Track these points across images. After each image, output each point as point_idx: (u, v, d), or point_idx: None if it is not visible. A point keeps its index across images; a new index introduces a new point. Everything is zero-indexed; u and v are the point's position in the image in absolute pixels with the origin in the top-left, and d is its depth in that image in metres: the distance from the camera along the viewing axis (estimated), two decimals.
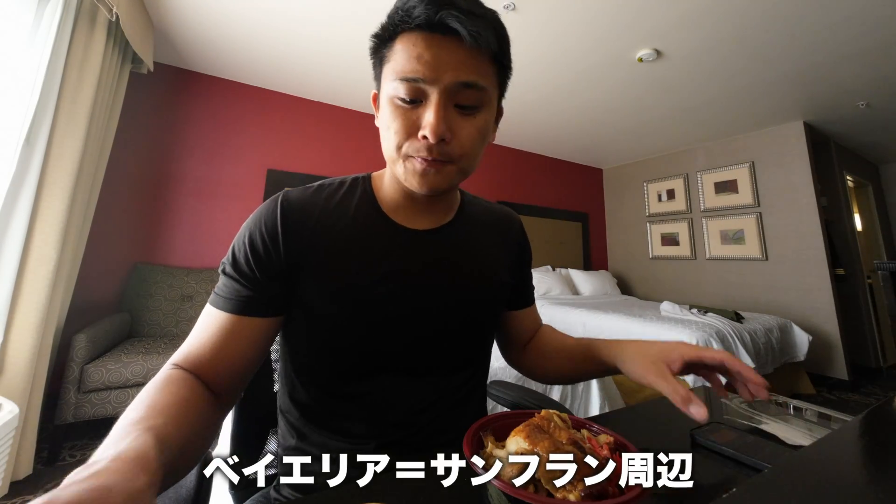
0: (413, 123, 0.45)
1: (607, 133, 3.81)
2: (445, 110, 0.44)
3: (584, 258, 4.68)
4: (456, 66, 0.43)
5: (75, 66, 1.62)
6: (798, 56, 2.37)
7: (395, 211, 0.55)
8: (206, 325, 0.48)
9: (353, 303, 0.50)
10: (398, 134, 0.45)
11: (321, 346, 0.51)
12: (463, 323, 0.56)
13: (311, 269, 0.49)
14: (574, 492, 0.29)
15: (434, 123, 0.43)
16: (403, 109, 0.45)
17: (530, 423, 0.36)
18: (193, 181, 2.64)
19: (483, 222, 0.62)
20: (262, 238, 0.49)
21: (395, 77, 0.44)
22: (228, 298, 0.48)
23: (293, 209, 0.51)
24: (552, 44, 2.31)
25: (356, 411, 0.52)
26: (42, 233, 1.51)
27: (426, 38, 0.43)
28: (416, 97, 0.44)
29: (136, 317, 2.22)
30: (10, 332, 1.41)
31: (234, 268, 0.49)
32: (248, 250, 0.49)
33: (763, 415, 0.61)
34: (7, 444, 1.24)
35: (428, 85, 0.43)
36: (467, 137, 0.46)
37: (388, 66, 0.46)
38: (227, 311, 0.47)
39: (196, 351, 0.46)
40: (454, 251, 0.56)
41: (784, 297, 3.33)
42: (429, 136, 0.43)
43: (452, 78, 0.43)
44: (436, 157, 0.45)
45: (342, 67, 2.64)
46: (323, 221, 0.51)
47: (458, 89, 0.44)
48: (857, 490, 0.18)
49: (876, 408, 0.25)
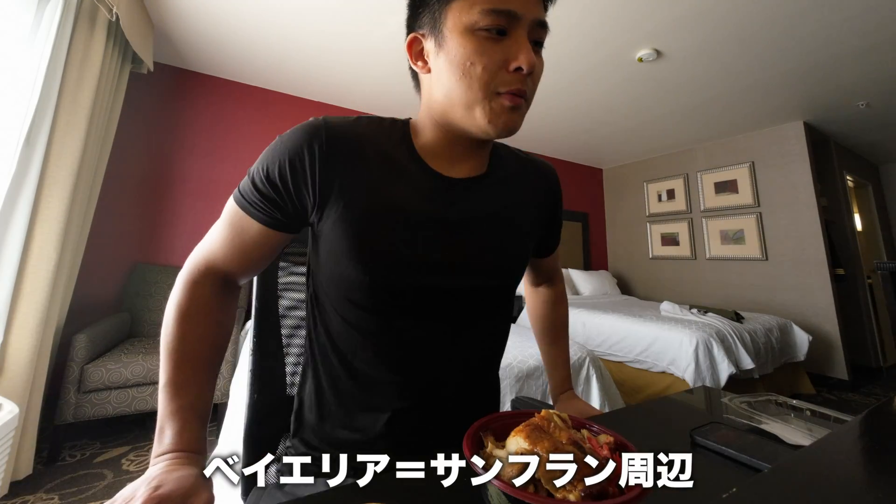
0: (501, 58, 0.44)
1: (607, 133, 3.81)
2: (530, 43, 0.45)
3: (584, 258, 4.68)
4: (536, 3, 0.46)
5: (75, 66, 1.62)
6: (798, 56, 2.37)
7: (433, 158, 0.53)
8: (233, 231, 0.50)
9: (382, 246, 0.49)
10: (487, 70, 0.44)
11: (353, 274, 0.50)
12: (493, 273, 0.56)
13: (342, 206, 0.49)
14: (574, 492, 0.29)
15: (529, 55, 0.44)
16: (490, 43, 0.44)
17: (530, 423, 0.36)
18: (193, 181, 2.64)
19: (518, 174, 0.62)
20: (301, 160, 0.48)
21: (479, 7, 0.44)
22: (259, 210, 0.49)
23: (335, 136, 0.50)
24: (552, 43, 2.31)
25: (387, 356, 0.53)
26: (42, 233, 1.51)
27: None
28: (504, 27, 0.44)
29: (136, 317, 2.22)
30: (10, 332, 1.41)
31: (268, 183, 0.49)
32: (286, 169, 0.48)
33: (763, 415, 0.61)
34: (7, 444, 1.24)
35: (519, 18, 0.44)
36: (539, 74, 0.48)
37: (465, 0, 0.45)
38: (257, 222, 0.49)
39: (221, 258, 0.51)
40: (488, 202, 0.56)
41: (784, 297, 3.33)
42: (524, 68, 0.44)
43: (536, 14, 0.46)
44: (521, 91, 0.46)
45: (342, 67, 2.64)
46: (362, 153, 0.50)
47: (536, 26, 0.46)
48: (857, 490, 0.18)
49: (876, 408, 0.25)
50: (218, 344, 0.52)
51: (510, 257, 0.58)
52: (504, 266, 0.58)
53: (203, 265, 0.51)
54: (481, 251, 0.54)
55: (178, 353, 0.47)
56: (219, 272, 0.52)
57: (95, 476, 1.54)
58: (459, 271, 0.53)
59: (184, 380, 0.46)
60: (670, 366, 2.27)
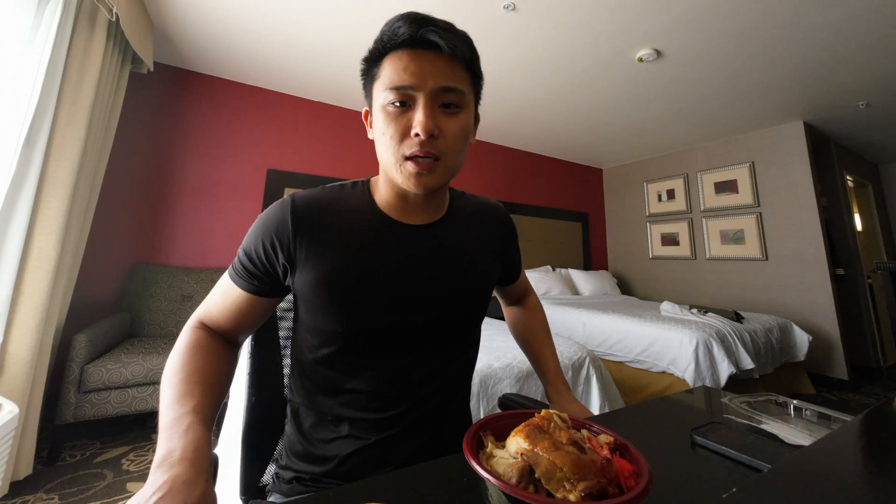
0: (405, 126, 0.51)
1: (607, 133, 3.81)
2: (432, 110, 0.51)
3: (584, 258, 4.68)
4: (437, 74, 0.51)
5: (75, 67, 1.62)
6: (798, 56, 2.37)
7: (391, 209, 0.61)
8: (225, 296, 0.58)
9: (351, 293, 0.55)
10: (393, 138, 0.52)
11: (324, 328, 0.57)
12: (454, 309, 0.61)
13: (317, 262, 0.55)
14: (574, 492, 0.29)
15: (424, 121, 0.50)
16: (395, 114, 0.52)
17: (530, 424, 0.36)
18: (193, 181, 2.64)
19: (471, 216, 0.69)
20: (273, 241, 0.56)
21: (385, 87, 0.51)
22: (245, 281, 0.57)
23: (302, 211, 0.57)
24: (552, 43, 2.31)
25: (362, 386, 0.58)
26: (42, 233, 1.51)
27: (410, 53, 0.51)
28: (406, 101, 0.51)
29: (136, 317, 2.22)
30: (10, 332, 1.41)
31: (249, 261, 0.57)
32: (260, 247, 0.56)
33: (763, 415, 0.61)
34: (7, 444, 1.24)
35: (415, 91, 0.50)
36: (451, 134, 0.53)
37: (379, 82, 0.53)
38: (244, 291, 0.57)
39: (216, 316, 0.58)
40: (446, 244, 0.62)
41: (784, 297, 3.33)
42: (420, 133, 0.50)
43: (435, 83, 0.51)
44: (428, 152, 0.51)
45: (342, 67, 2.64)
46: (327, 219, 0.58)
47: (440, 93, 0.51)
48: (857, 490, 0.18)
49: (876, 408, 0.25)
50: (220, 370, 0.54)
51: (469, 291, 0.64)
52: (464, 299, 0.63)
53: (201, 322, 0.58)
54: (442, 287, 0.60)
55: (179, 376, 0.49)
56: (215, 329, 0.58)
57: (95, 476, 1.54)
58: (423, 307, 0.58)
59: (185, 392, 0.47)
60: (670, 366, 2.27)
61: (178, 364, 0.51)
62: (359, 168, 3.27)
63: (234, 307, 0.57)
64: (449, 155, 0.53)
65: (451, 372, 0.63)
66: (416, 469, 0.45)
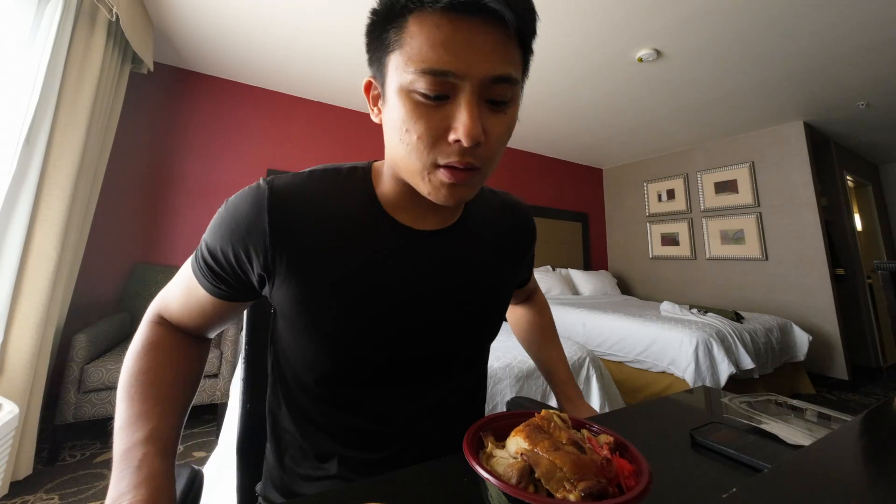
0: (440, 126, 0.37)
1: (607, 133, 3.81)
2: (479, 109, 0.37)
3: (584, 258, 4.68)
4: (489, 56, 0.36)
5: (75, 66, 1.62)
6: (798, 56, 2.37)
7: (397, 209, 0.48)
8: (187, 293, 0.48)
9: (348, 309, 0.45)
10: (422, 140, 0.37)
11: (311, 351, 0.47)
12: (464, 328, 0.52)
13: (301, 277, 0.44)
14: (574, 492, 0.29)
15: (469, 126, 0.36)
16: (427, 108, 0.37)
17: (530, 424, 0.36)
18: (193, 181, 2.64)
19: (490, 219, 0.57)
20: (246, 246, 0.43)
21: (414, 67, 0.36)
22: (210, 283, 0.46)
23: (282, 212, 0.44)
24: (552, 43, 2.31)
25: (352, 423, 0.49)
26: (42, 233, 1.51)
27: (452, 19, 0.35)
28: (443, 93, 0.36)
29: (136, 317, 2.22)
30: (10, 332, 1.41)
31: (215, 262, 0.45)
32: (231, 256, 0.44)
33: (763, 415, 0.61)
34: (7, 444, 1.24)
35: (459, 79, 0.36)
36: (497, 137, 0.39)
37: (401, 53, 0.37)
38: (205, 291, 0.47)
39: (177, 314, 0.49)
40: (459, 256, 0.51)
41: (784, 297, 3.33)
42: (463, 141, 0.36)
43: (487, 70, 0.36)
44: (469, 164, 0.38)
45: (342, 67, 2.64)
46: (314, 215, 0.45)
47: (490, 83, 0.37)
48: (857, 490, 0.18)
49: (876, 408, 0.25)
50: (184, 375, 0.47)
51: (483, 312, 0.54)
52: (477, 323, 0.53)
53: (160, 316, 0.50)
54: (452, 309, 0.50)
55: (135, 388, 0.42)
56: (177, 326, 0.51)
57: (95, 476, 1.54)
58: (429, 334, 0.49)
59: (140, 413, 0.40)
60: (670, 366, 2.27)
61: (134, 370, 0.44)
62: None
63: (197, 308, 0.48)
64: (490, 163, 0.41)
65: (459, 396, 0.55)
66: (416, 469, 0.45)
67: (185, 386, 0.47)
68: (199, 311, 0.49)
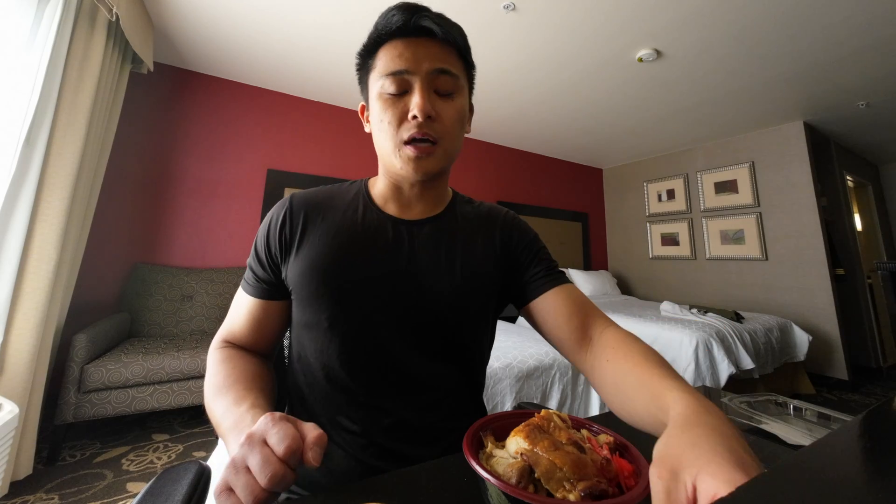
0: (402, 111, 0.52)
1: (607, 133, 3.81)
2: (428, 93, 0.52)
3: (584, 258, 4.68)
4: (431, 57, 0.52)
5: (75, 67, 1.62)
6: (798, 56, 2.37)
7: (387, 203, 0.61)
8: (239, 307, 0.59)
9: (342, 288, 0.54)
10: (391, 123, 0.52)
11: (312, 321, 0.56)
12: (451, 309, 0.57)
13: (308, 249, 0.56)
14: (574, 492, 0.29)
15: (420, 102, 0.50)
16: (392, 100, 0.52)
17: (530, 423, 0.36)
18: (193, 181, 2.64)
19: (473, 216, 0.66)
20: (273, 234, 0.57)
21: (381, 75, 0.52)
22: (252, 286, 0.58)
23: (298, 205, 0.59)
24: (552, 43, 2.31)
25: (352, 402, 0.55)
26: (42, 233, 1.51)
27: (404, 41, 0.52)
28: (402, 89, 0.52)
29: (136, 317, 2.22)
30: (10, 332, 1.42)
31: (255, 260, 0.58)
32: (264, 246, 0.58)
33: (763, 415, 0.61)
34: (7, 444, 1.24)
35: (411, 75, 0.51)
36: (448, 117, 0.53)
37: (374, 72, 0.54)
38: (253, 297, 0.58)
39: (236, 330, 0.59)
40: (442, 240, 0.60)
41: (784, 297, 3.33)
42: (418, 115, 0.50)
43: (429, 66, 0.51)
44: (426, 134, 0.51)
45: (342, 67, 2.64)
46: (319, 213, 0.59)
47: (435, 76, 0.52)
48: (857, 490, 0.18)
49: (876, 408, 0.25)
50: (263, 374, 0.53)
51: (465, 287, 0.58)
52: (460, 296, 0.58)
53: (224, 341, 0.59)
54: (436, 282, 0.57)
55: (225, 386, 0.48)
56: (239, 345, 0.59)
57: (95, 476, 1.54)
58: (415, 301, 0.56)
59: (238, 397, 0.46)
60: None
61: (220, 377, 0.50)
62: (359, 168, 3.27)
63: (248, 317, 0.58)
64: (446, 139, 0.54)
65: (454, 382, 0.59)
66: (416, 469, 0.45)
67: (266, 380, 0.53)
68: (251, 319, 0.58)
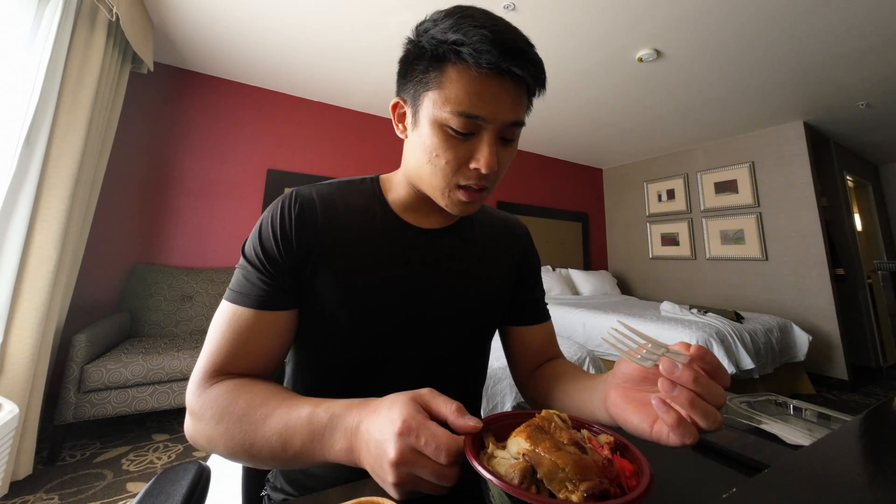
0: (465, 156, 0.47)
1: (607, 133, 3.81)
2: (497, 147, 0.47)
3: (584, 258, 4.68)
4: (510, 107, 0.46)
5: (75, 66, 1.62)
6: (798, 56, 2.37)
7: (405, 211, 0.58)
8: (230, 326, 0.47)
9: (360, 296, 0.52)
10: (450, 165, 0.47)
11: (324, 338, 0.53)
12: (463, 319, 0.58)
13: (322, 262, 0.51)
14: (576, 492, 0.29)
15: (489, 159, 0.46)
16: (456, 141, 0.46)
17: (531, 424, 0.36)
18: (193, 181, 2.64)
19: (489, 225, 0.66)
20: (276, 232, 0.51)
21: (450, 108, 0.45)
22: (246, 294, 0.48)
23: (306, 204, 0.53)
24: (552, 44, 2.31)
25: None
26: (42, 233, 1.51)
27: (486, 77, 0.44)
28: (470, 130, 0.46)
29: (136, 317, 2.22)
30: (10, 332, 1.42)
31: (249, 263, 0.50)
32: (263, 245, 0.51)
33: (763, 415, 0.61)
34: (7, 444, 1.24)
35: (485, 122, 0.45)
36: (504, 164, 0.50)
37: (439, 93, 0.45)
38: (247, 307, 0.48)
39: (228, 354, 0.47)
40: (459, 250, 0.59)
41: (784, 297, 3.33)
42: (483, 170, 0.46)
43: (507, 118, 0.46)
44: (482, 186, 0.49)
45: (342, 67, 2.64)
46: (334, 215, 0.54)
47: (507, 126, 0.47)
48: (857, 490, 0.18)
49: (876, 408, 0.25)
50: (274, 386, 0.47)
51: (479, 298, 0.60)
52: (474, 309, 0.59)
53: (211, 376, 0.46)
54: (452, 293, 0.57)
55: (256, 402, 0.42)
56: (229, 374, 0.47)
57: (95, 476, 1.54)
58: (429, 311, 0.55)
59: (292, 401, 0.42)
60: None
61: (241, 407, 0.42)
62: (359, 168, 3.27)
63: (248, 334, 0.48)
64: (496, 184, 0.51)
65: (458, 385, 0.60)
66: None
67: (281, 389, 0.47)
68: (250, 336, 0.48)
